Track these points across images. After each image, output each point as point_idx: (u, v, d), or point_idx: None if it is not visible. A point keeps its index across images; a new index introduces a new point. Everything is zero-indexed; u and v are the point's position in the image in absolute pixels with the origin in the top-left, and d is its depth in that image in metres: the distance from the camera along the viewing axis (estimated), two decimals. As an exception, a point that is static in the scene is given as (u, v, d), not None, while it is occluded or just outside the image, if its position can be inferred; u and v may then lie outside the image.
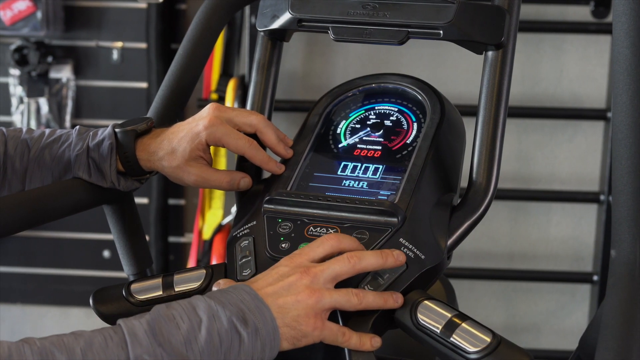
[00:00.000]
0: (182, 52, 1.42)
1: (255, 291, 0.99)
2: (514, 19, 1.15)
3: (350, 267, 1.03)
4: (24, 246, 2.97)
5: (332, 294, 1.01)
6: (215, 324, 0.94)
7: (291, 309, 0.99)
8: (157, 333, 0.92)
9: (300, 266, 1.02)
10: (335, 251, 1.05)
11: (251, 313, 0.96)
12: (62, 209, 1.29)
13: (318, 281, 1.01)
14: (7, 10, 2.77)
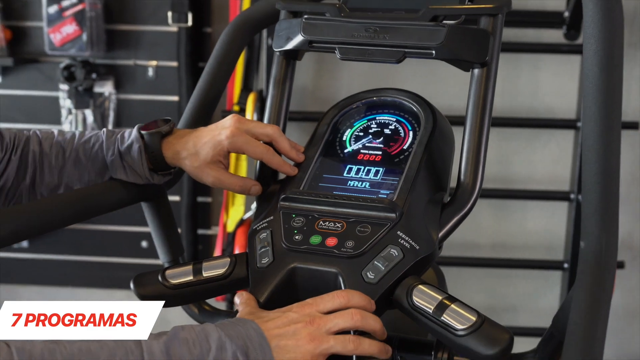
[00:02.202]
0: (208, 69, 1.42)
1: (262, 331, 0.98)
2: (497, 41, 1.15)
3: (352, 324, 1.01)
4: (73, 237, 2.98)
5: (330, 341, 0.99)
6: (221, 354, 0.94)
7: (290, 352, 0.98)
8: (171, 354, 0.92)
9: (308, 315, 1.01)
10: (344, 307, 1.03)
11: (254, 349, 0.96)
12: (106, 206, 1.30)
13: (320, 331, 1.00)
14: (57, 34, 2.77)
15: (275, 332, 0.99)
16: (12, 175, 1.26)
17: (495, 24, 1.15)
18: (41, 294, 3.13)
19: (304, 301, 1.04)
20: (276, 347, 0.97)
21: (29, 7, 2.89)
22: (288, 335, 0.99)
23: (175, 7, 2.75)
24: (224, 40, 1.43)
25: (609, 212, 1.02)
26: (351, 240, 1.09)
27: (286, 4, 1.28)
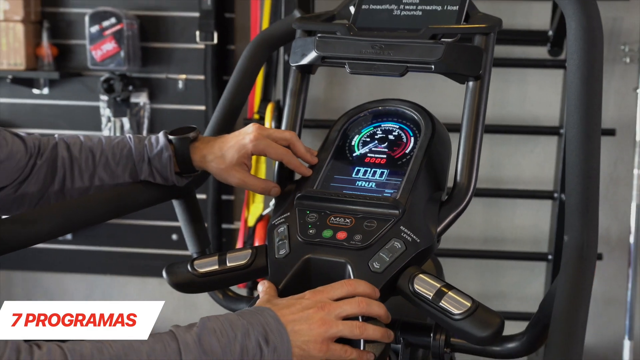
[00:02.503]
0: (232, 82, 1.42)
1: (279, 317, 0.99)
2: (489, 57, 1.15)
3: (358, 310, 1.02)
4: (112, 231, 2.99)
5: (339, 326, 1.00)
6: (245, 341, 0.94)
7: (304, 335, 0.98)
8: (203, 343, 0.92)
9: (319, 302, 1.02)
10: (351, 294, 1.03)
11: (272, 334, 0.96)
12: (140, 203, 1.30)
13: (330, 316, 1.00)
14: (98, 51, 2.78)
15: (290, 317, 0.99)
16: (39, 180, 1.24)
17: (487, 42, 1.15)
18: (83, 281, 3.15)
19: (316, 289, 1.04)
20: (292, 331, 0.98)
21: (73, 27, 2.91)
22: (302, 321, 0.99)
23: (203, 27, 2.75)
24: (246, 57, 1.43)
25: (590, 210, 1.01)
26: (359, 234, 1.09)
27: (301, 24, 1.28)
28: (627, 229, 2.71)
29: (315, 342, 0.98)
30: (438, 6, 1.19)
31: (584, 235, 1.00)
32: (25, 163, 1.22)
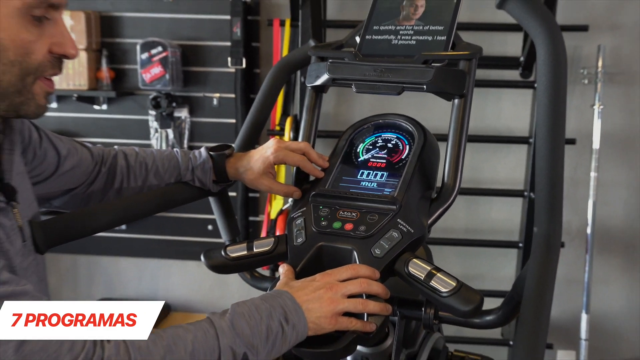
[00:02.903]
0: (258, 100, 1.42)
1: (295, 299, 0.99)
2: (472, 78, 1.14)
3: (361, 289, 1.03)
4: (158, 222, 2.99)
5: (345, 303, 1.01)
6: (269, 321, 0.95)
7: (316, 312, 0.99)
8: (235, 327, 0.92)
9: (328, 283, 1.02)
10: (355, 276, 1.04)
11: (291, 314, 0.97)
12: (183, 199, 1.31)
13: (337, 295, 1.01)
14: (147, 74, 2.79)
15: (304, 298, 1.00)
16: (103, 183, 1.27)
17: (470, 66, 1.14)
18: (135, 263, 3.15)
19: (325, 272, 1.05)
20: (306, 310, 0.98)
21: (127, 54, 2.91)
22: (314, 300, 1.00)
23: (233, 54, 2.75)
24: (269, 79, 1.43)
25: (556, 206, 1.01)
26: (363, 226, 1.09)
27: (316, 51, 1.28)
28: (585, 222, 2.70)
29: (325, 317, 0.99)
30: (429, 37, 1.19)
31: (551, 227, 1.00)
32: (92, 169, 1.24)
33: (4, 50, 0.87)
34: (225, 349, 0.90)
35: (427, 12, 1.21)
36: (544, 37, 1.01)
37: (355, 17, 2.76)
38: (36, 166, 1.13)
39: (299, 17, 2.60)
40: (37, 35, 0.90)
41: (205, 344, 0.89)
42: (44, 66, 0.92)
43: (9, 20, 0.86)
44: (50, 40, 0.92)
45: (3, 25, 0.86)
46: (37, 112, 0.95)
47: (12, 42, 0.87)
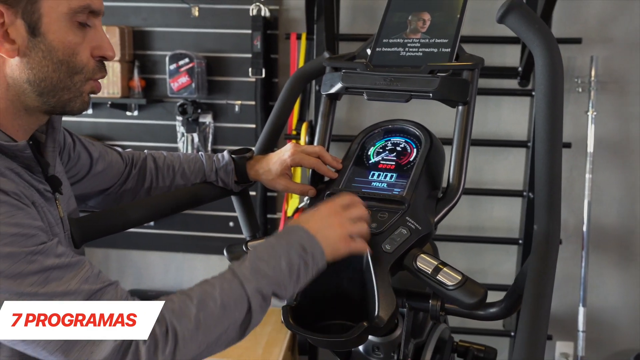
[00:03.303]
0: (276, 107, 1.42)
1: (309, 230, 0.99)
2: (474, 87, 1.13)
3: (362, 212, 1.05)
4: (183, 218, 3.00)
5: (353, 226, 1.02)
6: (289, 257, 0.94)
7: (330, 237, 0.99)
8: (257, 271, 0.92)
9: (334, 210, 1.03)
10: (353, 201, 1.06)
11: (307, 245, 0.97)
12: (207, 198, 1.31)
13: (344, 219, 1.02)
14: (175, 83, 2.80)
15: (316, 227, 1.00)
16: (133, 183, 1.28)
17: (473, 76, 1.14)
18: (162, 257, 3.16)
19: (326, 201, 1.06)
20: (321, 238, 0.98)
21: (157, 65, 2.93)
22: (325, 227, 1.00)
23: (254, 65, 2.76)
24: (287, 88, 1.43)
25: (554, 205, 0.99)
26: (374, 223, 1.08)
27: (330, 62, 1.28)
28: (580, 220, 2.68)
29: (340, 240, 0.99)
30: (435, 49, 1.18)
31: (550, 225, 0.98)
32: (123, 171, 1.25)
33: (54, 51, 0.90)
34: (252, 293, 0.90)
35: (432, 26, 1.20)
36: (541, 49, 1.00)
37: (365, 31, 2.76)
38: (71, 168, 1.14)
39: (314, 31, 2.60)
40: (81, 38, 0.92)
41: (233, 294, 0.89)
42: (89, 68, 0.94)
43: (58, 24, 0.89)
44: (91, 45, 0.94)
45: (53, 28, 0.89)
46: (81, 108, 0.97)
47: (60, 43, 0.90)
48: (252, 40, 2.73)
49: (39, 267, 0.78)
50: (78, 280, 0.81)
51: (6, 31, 0.87)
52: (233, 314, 0.88)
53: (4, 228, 0.77)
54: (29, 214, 0.82)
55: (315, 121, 2.69)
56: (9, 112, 0.91)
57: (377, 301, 1.01)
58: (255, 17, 2.74)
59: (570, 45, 2.66)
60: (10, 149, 0.89)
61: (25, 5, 0.86)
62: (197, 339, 0.85)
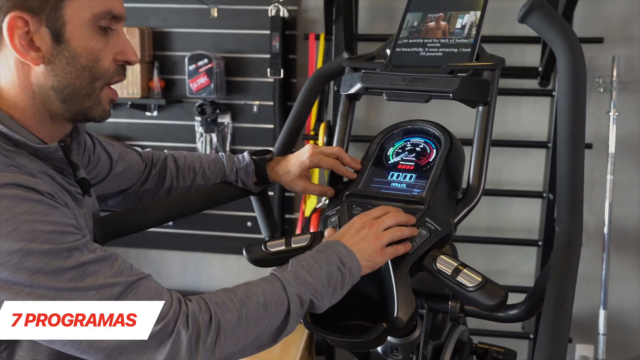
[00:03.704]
0: (295, 107, 1.42)
1: (345, 245, 1.00)
2: (495, 87, 1.12)
3: (394, 221, 1.05)
4: (201, 218, 2.99)
5: (387, 235, 1.03)
6: (328, 268, 0.96)
7: (366, 250, 1.01)
8: (298, 277, 0.94)
9: (367, 222, 1.04)
10: (385, 212, 1.07)
11: (345, 258, 0.98)
12: (227, 198, 1.32)
13: (379, 230, 1.03)
14: (194, 83, 2.82)
15: (352, 241, 1.01)
16: (154, 183, 1.29)
17: (493, 76, 1.13)
18: (180, 256, 3.18)
19: (359, 215, 1.07)
20: (357, 251, 1.00)
21: (176, 66, 2.95)
22: (361, 240, 1.01)
23: (272, 65, 2.76)
24: (306, 88, 1.43)
25: (576, 207, 0.98)
26: None
27: (350, 62, 1.27)
28: (601, 222, 2.65)
29: (376, 252, 1.01)
30: (455, 49, 1.17)
31: (572, 226, 0.97)
32: (142, 171, 1.26)
33: (77, 57, 0.90)
34: (293, 297, 0.92)
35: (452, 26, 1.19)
36: (564, 49, 0.98)
37: (384, 31, 2.75)
38: (91, 169, 1.15)
39: (332, 31, 2.60)
40: (104, 43, 0.93)
41: (275, 295, 0.91)
42: (110, 72, 0.95)
43: (81, 30, 0.89)
44: (114, 50, 0.95)
45: (76, 35, 0.89)
46: (102, 116, 0.97)
47: (83, 49, 0.90)
48: (270, 40, 2.74)
49: (75, 262, 0.79)
50: (113, 273, 0.82)
51: (31, 39, 0.87)
52: (272, 315, 0.90)
53: (40, 226, 0.78)
54: (63, 213, 0.83)
55: (333, 121, 2.69)
56: (36, 118, 0.93)
57: (396, 302, 1.00)
58: (273, 17, 2.75)
59: (591, 45, 2.62)
60: (43, 151, 0.90)
61: (49, 12, 0.87)
62: (237, 334, 0.86)
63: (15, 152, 0.87)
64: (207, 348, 0.83)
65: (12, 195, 0.77)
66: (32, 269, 0.76)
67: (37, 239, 0.76)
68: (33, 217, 0.77)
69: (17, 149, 0.88)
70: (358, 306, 1.06)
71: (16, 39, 0.86)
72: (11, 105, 0.90)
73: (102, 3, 0.91)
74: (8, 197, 0.77)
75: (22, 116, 0.91)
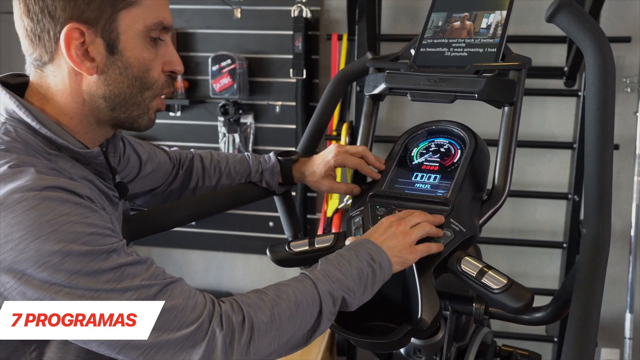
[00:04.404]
0: (319, 108, 1.42)
1: (374, 242, 1.01)
2: (521, 87, 1.11)
3: (421, 219, 1.05)
4: (224, 218, 3.01)
5: (415, 232, 1.03)
6: (359, 265, 0.96)
7: (396, 247, 1.01)
8: (329, 275, 0.94)
9: (394, 221, 1.05)
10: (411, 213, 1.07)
11: (375, 255, 0.98)
12: (250, 198, 1.32)
13: (407, 227, 1.03)
14: (217, 84, 2.83)
15: (381, 239, 1.02)
16: (180, 183, 1.30)
17: (520, 76, 1.12)
18: (202, 256, 3.20)
19: (387, 216, 1.08)
20: (387, 248, 1.00)
21: (200, 67, 2.97)
22: (390, 238, 1.02)
23: (295, 66, 2.77)
24: (329, 89, 1.43)
25: (604, 209, 0.97)
26: None
27: (374, 63, 1.27)
28: (628, 224, 2.60)
29: (405, 249, 1.01)
30: (480, 49, 1.17)
31: (599, 228, 0.96)
32: (170, 171, 1.28)
33: (130, 67, 0.92)
34: (324, 295, 0.92)
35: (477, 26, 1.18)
36: (593, 48, 0.97)
37: (407, 32, 2.74)
38: (121, 170, 1.17)
39: (355, 32, 2.60)
40: (154, 54, 0.95)
41: (306, 293, 0.91)
42: (160, 83, 0.97)
43: (134, 41, 0.91)
44: (162, 60, 0.96)
45: (129, 46, 0.91)
46: (147, 125, 1.00)
47: (136, 60, 0.92)
48: (293, 41, 2.74)
49: (114, 264, 0.80)
50: (149, 276, 0.83)
51: (86, 50, 0.89)
52: (305, 313, 0.90)
53: (80, 227, 0.79)
54: (102, 216, 0.84)
55: (355, 122, 2.69)
56: (83, 125, 0.94)
57: (420, 303, 1.00)
58: (296, 18, 2.75)
59: (618, 44, 2.58)
60: (85, 156, 0.92)
61: (105, 24, 0.89)
62: (271, 334, 0.87)
63: (58, 155, 0.89)
64: (241, 348, 0.84)
65: (54, 197, 0.79)
66: (72, 270, 0.77)
67: (77, 241, 0.78)
68: (73, 218, 0.79)
69: (60, 153, 0.90)
70: (381, 307, 1.06)
71: (72, 50, 0.88)
72: (60, 111, 0.93)
73: (154, 15, 0.92)
74: (49, 199, 0.78)
75: (69, 122, 0.93)
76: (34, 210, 0.76)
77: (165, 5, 0.96)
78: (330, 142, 2.75)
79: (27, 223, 0.76)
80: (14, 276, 0.76)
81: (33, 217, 0.76)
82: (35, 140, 0.88)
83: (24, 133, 0.87)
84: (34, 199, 0.77)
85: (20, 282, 0.76)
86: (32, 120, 0.88)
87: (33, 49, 0.91)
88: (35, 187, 0.78)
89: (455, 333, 1.16)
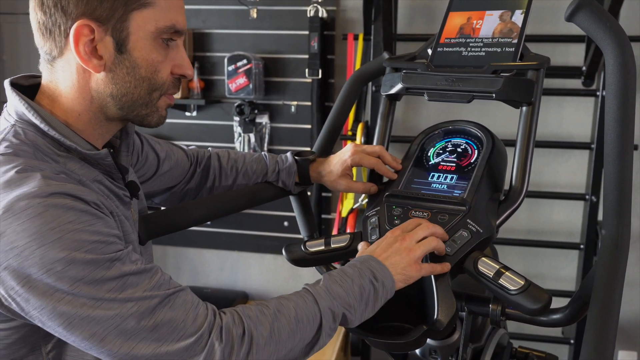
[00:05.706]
0: (335, 108, 1.42)
1: (378, 259, 1.00)
2: (539, 87, 1.11)
3: (427, 232, 1.03)
4: (239, 217, 3.02)
5: (421, 247, 1.01)
6: (361, 282, 0.96)
7: (399, 264, 0.99)
8: (331, 291, 0.94)
9: (399, 236, 1.03)
10: (417, 225, 1.05)
11: (378, 273, 0.97)
12: (267, 198, 1.33)
13: (412, 243, 1.01)
14: (233, 84, 2.84)
15: (384, 255, 1.01)
16: (197, 182, 1.30)
17: (538, 75, 1.11)
18: (217, 255, 3.21)
19: (392, 229, 1.06)
20: (390, 265, 0.99)
21: (216, 67, 2.98)
22: (394, 254, 1.00)
23: (310, 66, 2.77)
24: (346, 88, 1.42)
25: (624, 210, 0.96)
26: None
27: (391, 62, 1.27)
28: (647, 226, 2.58)
29: (409, 266, 1.00)
30: (498, 48, 1.16)
31: (619, 229, 0.95)
32: (188, 169, 1.28)
33: (138, 68, 0.92)
34: (325, 311, 0.92)
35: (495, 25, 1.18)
36: (613, 48, 0.96)
37: (423, 31, 2.73)
38: (139, 168, 1.18)
39: (371, 31, 2.59)
40: (163, 56, 0.95)
41: (307, 309, 0.91)
42: (167, 85, 0.97)
43: (144, 42, 0.92)
44: (172, 63, 0.97)
45: (139, 46, 0.92)
46: (158, 122, 1.00)
47: (144, 61, 0.93)
48: (309, 41, 2.75)
49: (117, 273, 0.80)
50: (152, 285, 0.83)
51: (95, 47, 0.90)
52: (305, 329, 0.90)
53: (85, 235, 0.79)
54: (107, 223, 0.84)
55: (371, 122, 2.68)
56: (91, 123, 0.95)
57: (436, 304, 0.99)
58: (312, 18, 2.75)
59: (637, 44, 2.55)
60: (94, 157, 0.92)
61: (116, 23, 0.89)
62: (270, 349, 0.87)
63: (66, 157, 0.90)
64: None
65: (59, 204, 0.79)
66: (75, 277, 0.77)
67: (80, 249, 0.78)
68: (77, 226, 0.79)
69: (69, 154, 0.90)
70: (397, 307, 1.06)
71: (81, 46, 0.89)
72: (68, 110, 0.93)
73: (167, 17, 0.93)
74: (54, 206, 0.79)
75: (77, 121, 0.94)
76: (39, 218, 0.77)
77: (180, 8, 0.96)
78: (346, 142, 2.74)
79: (32, 230, 0.77)
80: (19, 282, 0.77)
81: (38, 224, 0.77)
82: (44, 142, 0.88)
83: (33, 135, 0.88)
84: (39, 206, 0.78)
85: (25, 288, 0.77)
86: (41, 122, 0.89)
87: (44, 42, 0.91)
88: (41, 193, 0.79)
89: (471, 334, 1.15)
